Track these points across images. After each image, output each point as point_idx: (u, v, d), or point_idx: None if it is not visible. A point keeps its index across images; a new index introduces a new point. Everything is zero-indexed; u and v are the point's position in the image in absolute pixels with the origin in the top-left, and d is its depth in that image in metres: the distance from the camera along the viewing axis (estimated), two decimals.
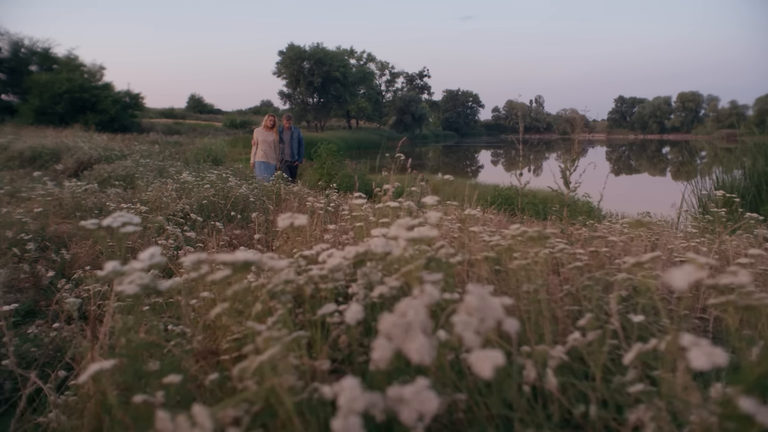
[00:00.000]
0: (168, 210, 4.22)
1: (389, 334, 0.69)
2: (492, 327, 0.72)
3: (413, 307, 0.71)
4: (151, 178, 6.76)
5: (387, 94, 73.15)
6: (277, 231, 3.99)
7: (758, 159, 8.03)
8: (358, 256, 1.18)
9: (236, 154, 22.09)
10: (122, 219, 0.97)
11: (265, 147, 8.30)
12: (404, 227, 1.25)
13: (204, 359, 1.01)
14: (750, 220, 2.62)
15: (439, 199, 1.65)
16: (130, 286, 0.80)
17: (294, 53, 52.36)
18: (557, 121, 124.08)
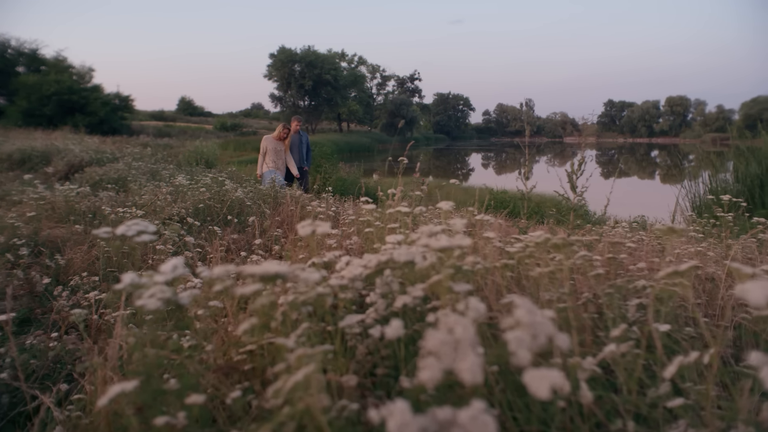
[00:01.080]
0: (163, 214, 4.15)
1: (438, 352, 0.64)
2: (544, 343, 0.68)
3: (461, 324, 0.67)
4: (143, 181, 6.67)
5: (378, 97, 73.25)
6: (275, 235, 3.93)
7: (751, 163, 8.07)
8: (380, 265, 1.13)
9: (227, 156, 21.98)
10: (137, 227, 0.91)
11: (275, 157, 7.89)
12: (428, 234, 1.20)
13: (224, 375, 0.95)
14: (757, 224, 2.60)
15: (454, 204, 1.61)
16: (151, 301, 0.75)
17: (285, 56, 52.29)
18: (547, 125, 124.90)
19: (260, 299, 0.75)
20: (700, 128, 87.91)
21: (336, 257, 1.55)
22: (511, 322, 0.74)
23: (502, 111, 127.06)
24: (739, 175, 8.15)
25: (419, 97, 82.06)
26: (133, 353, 0.93)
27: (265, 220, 4.49)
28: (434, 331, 0.67)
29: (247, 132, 43.47)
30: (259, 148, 8.00)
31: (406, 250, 1.13)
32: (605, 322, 1.40)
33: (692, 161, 36.31)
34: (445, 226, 1.20)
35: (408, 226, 1.98)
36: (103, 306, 1.95)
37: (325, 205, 4.40)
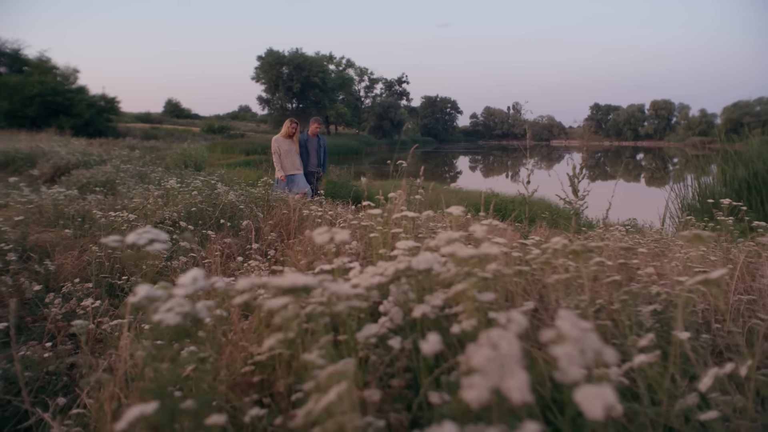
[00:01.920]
0: (155, 217, 4.07)
1: (484, 369, 0.60)
2: (592, 359, 0.64)
3: (506, 339, 0.63)
4: (132, 184, 6.57)
5: (366, 99, 73.27)
6: (269, 239, 3.87)
7: (738, 166, 8.15)
8: (398, 273, 1.09)
9: (215, 159, 21.80)
10: (148, 235, 0.86)
11: (290, 157, 7.44)
12: (446, 241, 1.16)
13: (241, 392, 0.90)
14: (757, 228, 2.60)
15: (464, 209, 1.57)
16: (169, 315, 0.70)
17: (273, 58, 52.14)
18: (534, 128, 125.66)
19: (285, 313, 0.71)
20: (684, 132, 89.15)
21: (344, 264, 1.50)
22: (552, 336, 0.71)
23: (490, 114, 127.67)
24: (727, 179, 8.23)
25: (407, 100, 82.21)
26: (144, 368, 0.88)
27: (258, 223, 4.43)
28: (478, 346, 0.63)
29: (234, 134, 43.18)
30: (271, 150, 7.56)
31: (425, 258, 1.09)
32: (621, 330, 1.37)
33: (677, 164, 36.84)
34: (463, 232, 1.16)
35: (412, 231, 1.95)
36: (100, 314, 1.88)
37: (321, 209, 4.34)
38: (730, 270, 2.32)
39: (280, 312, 0.69)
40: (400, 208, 2.21)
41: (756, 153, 8.30)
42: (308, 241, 2.71)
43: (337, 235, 0.98)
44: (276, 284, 0.69)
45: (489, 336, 0.64)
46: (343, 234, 0.98)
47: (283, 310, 0.69)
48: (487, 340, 0.65)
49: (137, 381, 0.92)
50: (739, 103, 78.94)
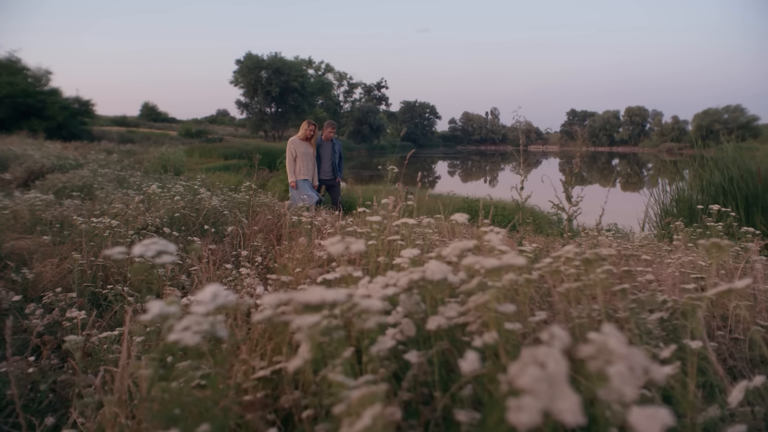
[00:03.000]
0: (136, 223, 3.97)
1: (532, 390, 0.57)
2: (642, 378, 0.61)
3: (552, 357, 0.60)
4: (111, 188, 6.42)
5: (345, 104, 73.21)
6: (256, 245, 3.80)
7: (714, 172, 8.31)
8: (411, 283, 1.05)
9: (193, 163, 21.49)
10: (156, 247, 0.81)
11: (307, 162, 6.89)
12: (461, 250, 1.13)
13: (256, 412, 0.85)
14: (746, 234, 2.62)
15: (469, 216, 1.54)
16: (186, 335, 0.65)
17: (251, 62, 51.83)
18: (512, 133, 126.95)
19: (312, 331, 0.66)
20: (658, 138, 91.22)
21: (349, 273, 1.46)
22: (591, 351, 0.67)
23: (468, 119, 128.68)
24: (703, 185, 8.38)
25: (386, 105, 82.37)
26: (151, 388, 0.82)
27: (242, 229, 4.35)
28: (523, 365, 0.59)
29: (212, 138, 42.68)
30: (286, 153, 7.03)
31: (439, 268, 1.05)
32: (631, 340, 1.35)
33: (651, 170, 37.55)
34: (476, 241, 1.13)
35: (411, 239, 1.91)
36: (89, 326, 1.80)
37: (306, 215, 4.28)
38: (723, 276, 2.34)
39: (311, 330, 0.64)
40: (394, 215, 2.18)
41: (731, 159, 8.47)
42: (299, 248, 2.65)
43: (353, 245, 0.94)
44: (303, 300, 0.65)
45: (534, 354, 0.61)
46: (358, 244, 0.94)
47: (313, 329, 0.65)
48: (531, 358, 0.61)
49: (141, 402, 0.87)
50: (709, 110, 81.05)
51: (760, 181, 7.70)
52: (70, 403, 1.51)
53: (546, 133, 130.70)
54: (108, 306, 2.63)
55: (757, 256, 2.68)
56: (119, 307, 2.39)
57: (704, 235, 2.82)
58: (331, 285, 1.46)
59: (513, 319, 1.14)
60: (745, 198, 7.68)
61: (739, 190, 7.84)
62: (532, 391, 0.57)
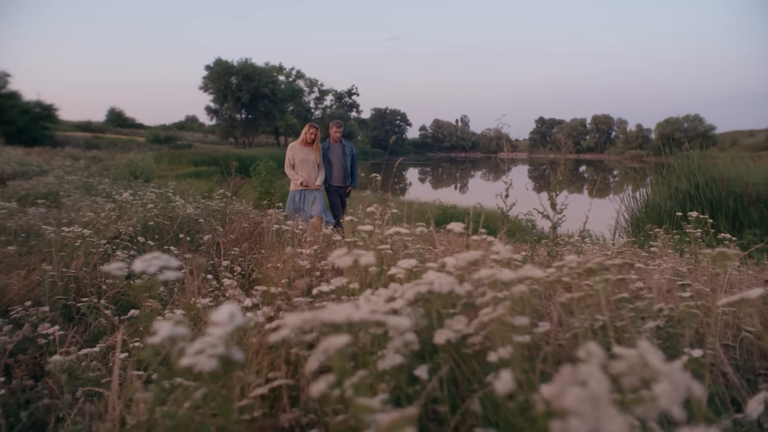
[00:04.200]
0: (108, 232, 3.83)
1: (578, 411, 0.54)
2: (683, 395, 0.59)
3: (593, 376, 0.57)
4: (78, 196, 6.21)
5: (316, 111, 73.00)
6: (234, 255, 3.71)
7: (681, 179, 8.53)
8: (419, 296, 1.01)
9: (161, 170, 21.06)
10: (158, 263, 0.75)
11: (306, 169, 6.14)
12: (468, 261, 1.10)
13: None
14: (724, 240, 2.67)
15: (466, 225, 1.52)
16: (201, 359, 0.60)
17: (221, 68, 51.29)
18: (482, 140, 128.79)
19: (335, 350, 0.62)
20: (623, 145, 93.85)
21: (345, 284, 1.42)
22: (624, 368, 0.65)
23: (438, 126, 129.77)
24: (671, 191, 8.59)
25: (357, 112, 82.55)
26: (153, 414, 0.77)
27: (219, 238, 4.25)
28: (565, 385, 0.57)
29: (181, 145, 41.96)
30: (284, 160, 6.36)
31: (447, 280, 1.02)
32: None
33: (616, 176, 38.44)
34: (483, 252, 1.10)
35: (402, 248, 1.88)
36: (68, 343, 1.71)
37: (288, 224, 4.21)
38: (706, 281, 2.37)
39: (338, 352, 0.60)
40: (378, 223, 2.14)
41: (696, 167, 8.72)
42: (281, 258, 2.59)
43: (362, 258, 0.91)
44: (328, 320, 0.61)
45: (573, 372, 0.58)
46: (368, 257, 0.91)
47: (337, 349, 0.60)
48: (569, 377, 0.58)
49: (139, 428, 0.81)
50: (671, 119, 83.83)
51: (723, 187, 7.94)
52: (46, 428, 1.42)
53: (515, 141, 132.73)
54: (81, 319, 2.53)
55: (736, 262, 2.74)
56: (95, 321, 2.29)
57: (683, 241, 2.87)
58: (327, 297, 1.42)
59: (521, 331, 1.12)
60: (710, 204, 7.90)
61: (704, 197, 8.06)
62: (577, 413, 0.54)
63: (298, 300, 1.41)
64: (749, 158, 9.43)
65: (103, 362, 1.77)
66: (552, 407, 0.57)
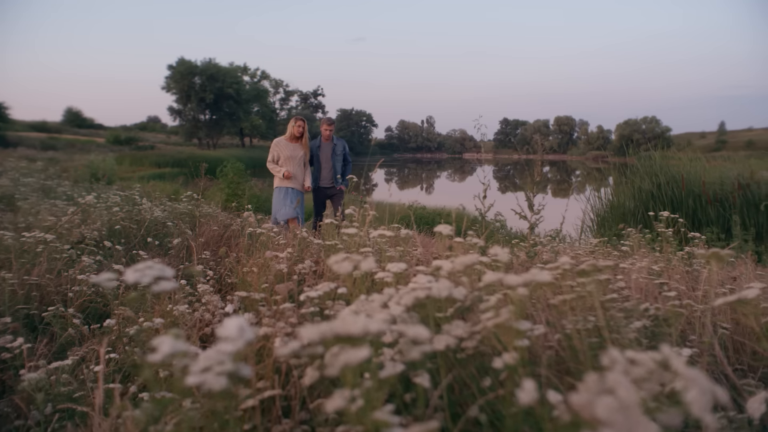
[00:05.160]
0: (71, 236, 3.68)
1: (610, 421, 0.52)
2: (711, 401, 0.58)
3: (621, 384, 0.55)
4: (35, 199, 5.96)
5: (281, 112, 72.27)
6: (206, 259, 3.61)
7: (645, 180, 8.76)
8: (418, 301, 0.99)
9: (123, 172, 20.49)
10: (152, 273, 0.71)
11: (292, 167, 5.66)
12: (466, 265, 1.08)
13: None
14: (694, 239, 2.74)
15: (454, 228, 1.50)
16: (209, 377, 0.56)
17: (184, 68, 50.28)
18: (447, 141, 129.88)
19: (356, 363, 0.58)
20: (585, 146, 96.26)
21: (333, 290, 1.38)
22: (643, 373, 0.64)
23: (404, 127, 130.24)
24: (634, 191, 8.81)
25: (323, 113, 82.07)
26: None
27: (188, 241, 4.14)
28: (593, 393, 0.55)
29: (143, 146, 40.93)
30: (267, 156, 5.87)
31: (445, 285, 1.00)
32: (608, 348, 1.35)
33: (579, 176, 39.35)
34: (480, 256, 1.09)
35: (385, 252, 1.85)
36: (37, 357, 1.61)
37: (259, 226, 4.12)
38: (680, 279, 2.43)
39: (358, 367, 0.57)
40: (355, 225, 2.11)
41: (658, 167, 8.98)
42: (259, 261, 2.53)
43: (362, 263, 0.87)
44: (344, 332, 0.57)
45: (602, 380, 0.57)
46: (369, 262, 0.87)
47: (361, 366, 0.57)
48: (595, 385, 0.57)
49: None
50: (629, 121, 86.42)
51: (683, 187, 8.19)
52: None
53: (480, 142, 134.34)
54: (45, 329, 2.41)
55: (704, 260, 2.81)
56: (62, 331, 2.18)
57: (655, 240, 2.93)
58: (315, 303, 1.38)
59: (522, 335, 1.11)
60: (671, 203, 8.14)
61: (665, 196, 8.30)
62: (609, 423, 0.52)
63: (285, 307, 1.36)
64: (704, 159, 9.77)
65: (73, 375, 1.68)
66: (580, 416, 0.55)
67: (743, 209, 7.45)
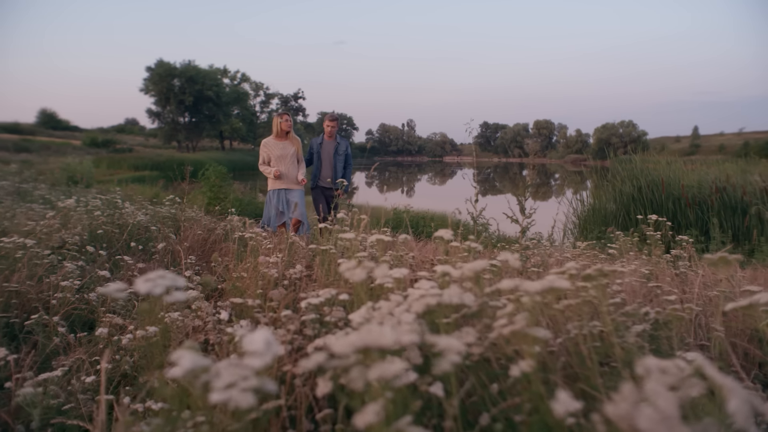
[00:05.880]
0: (51, 241, 3.58)
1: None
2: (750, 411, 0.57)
3: (660, 394, 0.54)
4: (10, 202, 5.80)
5: (262, 114, 71.76)
6: (190, 263, 3.55)
7: (626, 183, 8.88)
8: (429, 308, 0.97)
9: (101, 174, 20.09)
10: (164, 282, 0.68)
11: (283, 166, 5.31)
12: (475, 270, 1.07)
13: None
14: (681, 242, 2.77)
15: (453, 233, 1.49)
16: (235, 393, 0.53)
17: (163, 70, 49.66)
18: (428, 144, 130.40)
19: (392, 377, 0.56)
20: (564, 149, 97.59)
21: (334, 296, 1.35)
22: (672, 381, 0.63)
23: (385, 131, 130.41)
24: (616, 194, 8.93)
25: (303, 116, 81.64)
26: None
27: (172, 245, 4.07)
28: (631, 404, 0.53)
29: (121, 149, 40.26)
30: (257, 159, 5.60)
31: (455, 292, 0.98)
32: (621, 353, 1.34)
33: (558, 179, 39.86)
34: (490, 261, 1.07)
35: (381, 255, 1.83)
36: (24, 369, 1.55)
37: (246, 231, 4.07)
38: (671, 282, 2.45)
39: (390, 381, 0.55)
40: (360, 231, 2.09)
41: (639, 170, 9.11)
42: (250, 266, 2.48)
43: (376, 270, 0.85)
44: (375, 343, 0.55)
45: (636, 391, 0.55)
46: (383, 269, 0.85)
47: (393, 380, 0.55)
48: (631, 395, 0.55)
49: None
50: (607, 125, 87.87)
51: (663, 190, 8.32)
52: None
53: (460, 145, 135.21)
54: (26, 338, 2.33)
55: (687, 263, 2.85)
56: (47, 340, 2.11)
57: (643, 243, 2.96)
58: (318, 309, 1.35)
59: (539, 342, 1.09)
60: (651, 205, 8.27)
61: (646, 199, 8.43)
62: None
63: (287, 314, 1.33)
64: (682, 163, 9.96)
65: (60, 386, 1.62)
66: (617, 428, 0.54)
67: (721, 212, 7.60)
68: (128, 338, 1.62)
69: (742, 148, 55.93)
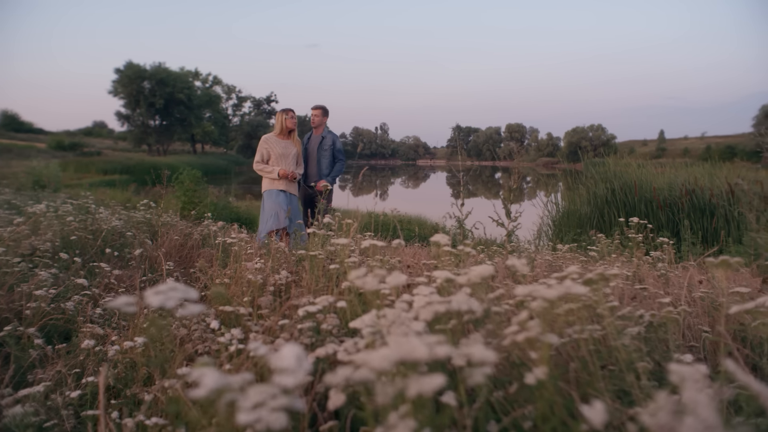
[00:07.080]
0: (20, 248, 3.45)
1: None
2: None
3: (701, 403, 0.53)
4: None
5: (234, 118, 71.07)
6: (168, 269, 3.46)
7: (600, 185, 9.04)
8: (438, 315, 0.95)
9: (68, 178, 19.55)
10: (176, 294, 0.64)
11: (285, 165, 4.92)
12: (482, 276, 1.05)
13: None
14: (662, 244, 2.81)
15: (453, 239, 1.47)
16: (264, 414, 0.50)
17: (133, 72, 48.74)
18: (401, 148, 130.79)
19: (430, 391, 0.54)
20: (535, 153, 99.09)
21: (332, 304, 1.32)
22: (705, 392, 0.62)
23: (358, 134, 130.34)
24: (590, 196, 9.08)
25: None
26: None
27: (149, 251, 3.96)
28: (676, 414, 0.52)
29: (89, 152, 39.28)
30: (255, 154, 5.08)
31: (464, 298, 0.97)
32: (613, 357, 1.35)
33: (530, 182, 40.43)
34: (495, 266, 1.06)
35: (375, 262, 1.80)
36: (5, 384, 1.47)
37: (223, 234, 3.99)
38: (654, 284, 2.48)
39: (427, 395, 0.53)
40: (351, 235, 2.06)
41: (612, 173, 9.28)
42: (234, 273, 2.43)
43: (389, 278, 0.83)
44: (409, 357, 0.53)
45: (673, 398, 0.54)
46: (397, 277, 0.83)
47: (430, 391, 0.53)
48: (668, 404, 0.54)
49: None
50: (577, 128, 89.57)
51: (636, 192, 8.48)
52: None
53: (433, 148, 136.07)
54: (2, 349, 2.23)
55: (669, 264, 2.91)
56: (22, 353, 2.03)
57: (625, 245, 3.00)
58: (315, 317, 1.32)
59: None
60: (624, 207, 8.43)
61: (619, 201, 8.59)
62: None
63: (284, 323, 1.30)
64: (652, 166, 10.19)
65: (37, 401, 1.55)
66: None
67: (690, 213, 7.79)
68: (115, 350, 1.55)
69: (705, 151, 57.78)
